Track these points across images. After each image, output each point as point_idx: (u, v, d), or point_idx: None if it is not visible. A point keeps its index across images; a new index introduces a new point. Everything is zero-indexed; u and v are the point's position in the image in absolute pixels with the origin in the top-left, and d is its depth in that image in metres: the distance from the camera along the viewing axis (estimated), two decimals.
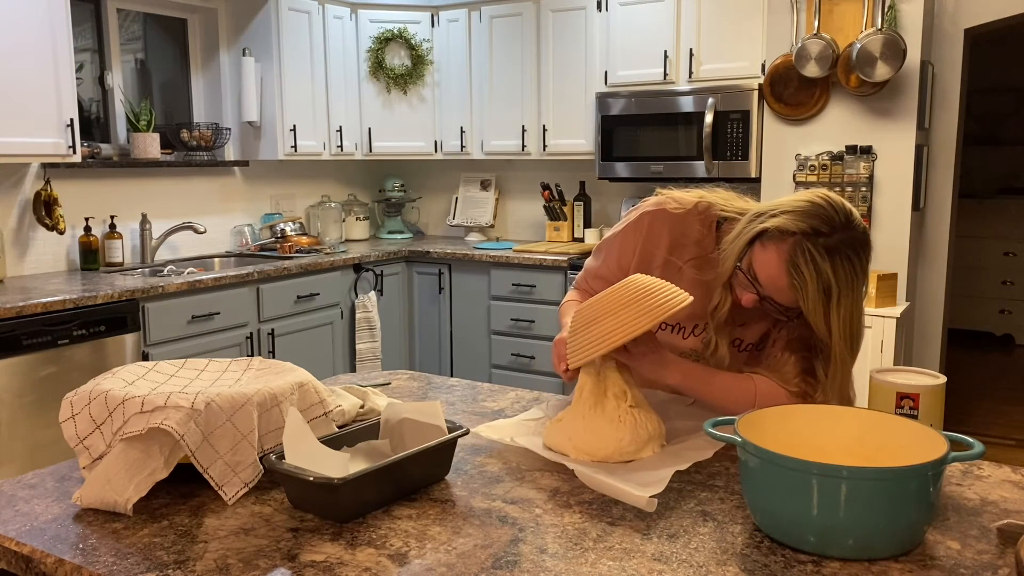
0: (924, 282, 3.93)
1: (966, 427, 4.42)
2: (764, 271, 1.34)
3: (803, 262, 1.28)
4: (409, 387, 1.87)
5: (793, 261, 1.29)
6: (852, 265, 1.29)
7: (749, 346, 1.54)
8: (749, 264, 1.37)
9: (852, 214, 1.32)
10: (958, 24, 3.72)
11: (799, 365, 1.45)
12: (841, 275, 1.28)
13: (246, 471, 1.24)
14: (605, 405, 1.38)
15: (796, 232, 1.30)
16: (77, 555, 1.07)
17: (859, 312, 1.34)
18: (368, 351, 4.37)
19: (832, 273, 1.28)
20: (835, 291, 1.28)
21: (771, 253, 1.32)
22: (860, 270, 1.31)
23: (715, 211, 1.51)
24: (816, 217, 1.30)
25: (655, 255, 1.55)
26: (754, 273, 1.36)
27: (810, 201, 1.33)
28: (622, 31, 4.17)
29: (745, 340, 1.53)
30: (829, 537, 1.03)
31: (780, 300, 1.35)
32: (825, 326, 1.32)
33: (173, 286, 3.36)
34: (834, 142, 3.60)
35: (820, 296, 1.29)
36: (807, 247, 1.28)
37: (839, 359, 1.36)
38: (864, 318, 1.37)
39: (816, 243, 1.28)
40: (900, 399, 1.36)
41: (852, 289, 1.30)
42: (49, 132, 3.24)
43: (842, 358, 1.36)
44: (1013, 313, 6.33)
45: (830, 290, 1.28)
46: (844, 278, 1.28)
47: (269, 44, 4.24)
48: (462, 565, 1.03)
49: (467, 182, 5.14)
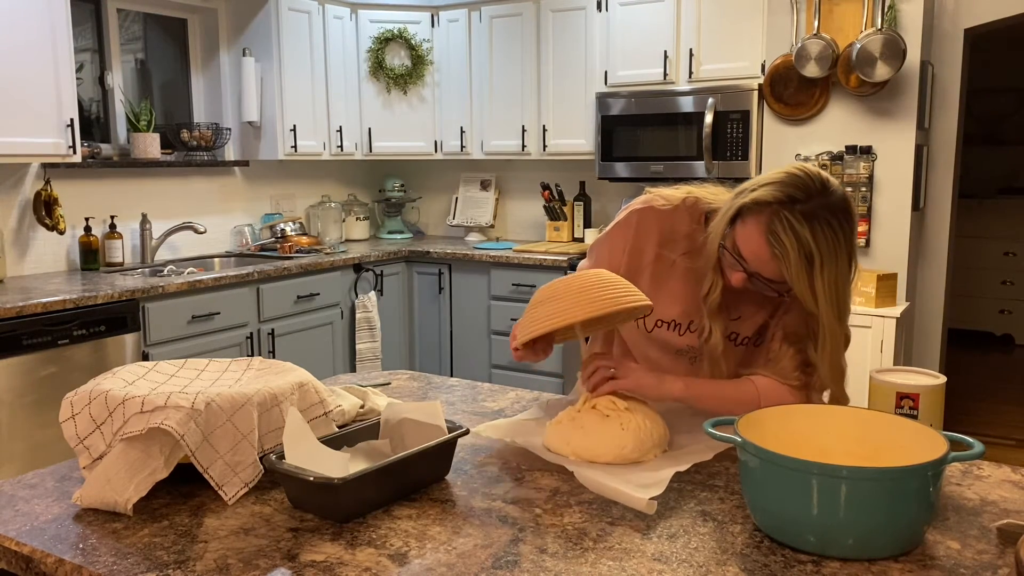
0: (924, 282, 3.93)
1: (966, 427, 4.42)
2: (746, 246, 1.35)
3: (781, 230, 1.29)
4: (409, 387, 1.87)
5: (772, 230, 1.30)
6: (832, 230, 1.29)
7: (745, 340, 1.54)
8: (733, 242, 1.38)
9: (829, 182, 1.33)
10: (958, 24, 3.72)
11: (797, 358, 1.46)
12: (822, 240, 1.29)
13: (246, 471, 1.24)
14: (606, 412, 1.38)
15: (773, 202, 1.31)
16: (77, 555, 1.07)
17: (844, 280, 1.34)
18: (368, 351, 4.37)
19: (812, 238, 1.28)
20: (817, 257, 1.29)
21: (751, 227, 1.34)
22: (842, 236, 1.31)
23: (703, 205, 1.52)
24: (791, 186, 1.32)
25: (645, 251, 1.56)
26: (738, 250, 1.37)
27: (786, 172, 1.35)
28: (622, 31, 4.17)
29: (741, 334, 1.54)
30: (829, 537, 1.03)
31: (766, 274, 1.36)
32: (811, 295, 1.32)
33: (173, 286, 3.36)
34: (834, 142, 3.60)
35: (802, 263, 1.29)
36: (784, 215, 1.30)
37: (827, 329, 1.36)
38: (851, 287, 1.37)
39: (793, 210, 1.29)
40: (900, 399, 1.36)
41: (835, 255, 1.30)
42: (49, 132, 3.24)
43: (831, 328, 1.36)
44: (1013, 313, 6.33)
45: (812, 256, 1.29)
46: (825, 243, 1.29)
47: (269, 44, 4.24)
48: (462, 565, 1.03)
49: (467, 182, 5.14)
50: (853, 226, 1.34)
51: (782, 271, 1.32)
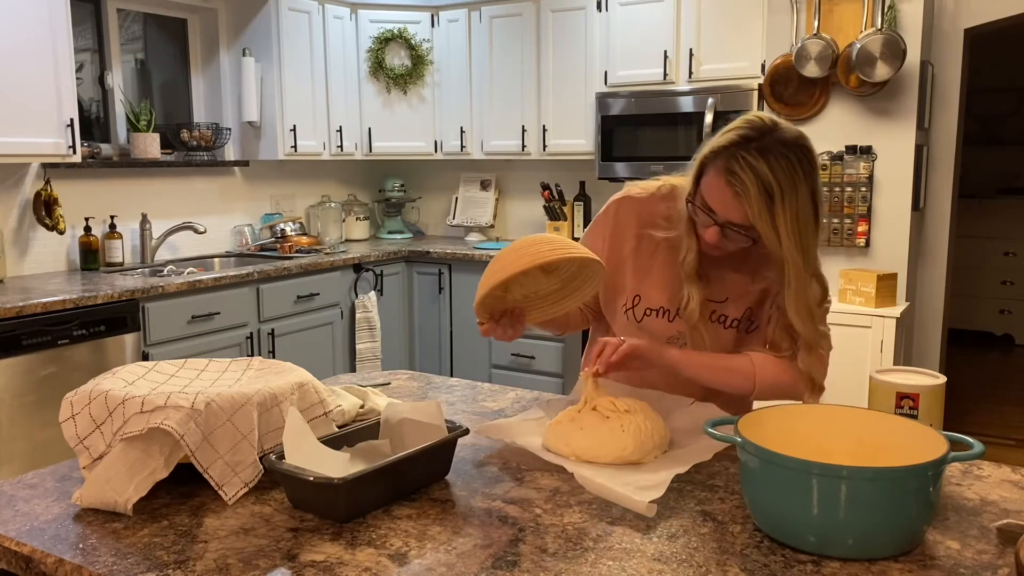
0: (924, 282, 3.93)
1: (966, 427, 4.41)
2: (711, 193, 1.39)
3: (739, 168, 1.33)
4: (409, 387, 1.87)
5: (730, 170, 1.34)
6: (788, 161, 1.32)
7: (735, 322, 1.56)
8: (701, 198, 1.42)
9: (780, 121, 1.38)
10: (958, 24, 3.72)
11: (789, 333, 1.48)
12: (779, 171, 1.32)
13: (246, 471, 1.24)
14: (606, 413, 1.38)
15: (728, 145, 1.36)
16: (77, 555, 1.07)
17: (807, 216, 1.36)
18: (368, 351, 4.37)
19: (769, 171, 1.32)
20: (776, 190, 1.32)
21: (712, 175, 1.38)
22: (799, 167, 1.34)
23: (679, 191, 1.55)
24: (744, 128, 1.36)
25: (626, 237, 1.61)
26: (705, 202, 1.41)
27: (738, 120, 1.40)
28: (622, 31, 4.17)
29: (729, 316, 1.55)
30: (829, 537, 1.03)
31: (734, 218, 1.38)
32: (774, 232, 1.34)
33: (173, 286, 3.36)
34: (834, 142, 3.60)
35: (763, 198, 1.32)
36: (740, 155, 1.34)
37: (792, 265, 1.38)
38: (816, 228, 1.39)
39: (748, 148, 1.34)
40: (900, 399, 1.36)
41: (794, 186, 1.33)
42: (49, 132, 3.24)
43: (795, 265, 1.38)
44: (1013, 313, 6.33)
45: (771, 189, 1.32)
46: (783, 174, 1.32)
47: (269, 44, 4.24)
48: (462, 565, 1.03)
49: (467, 182, 5.14)
50: (812, 161, 1.37)
51: (746, 212, 1.35)
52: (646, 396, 1.51)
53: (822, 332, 1.46)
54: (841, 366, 3.38)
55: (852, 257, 3.62)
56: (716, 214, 1.40)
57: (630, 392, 1.52)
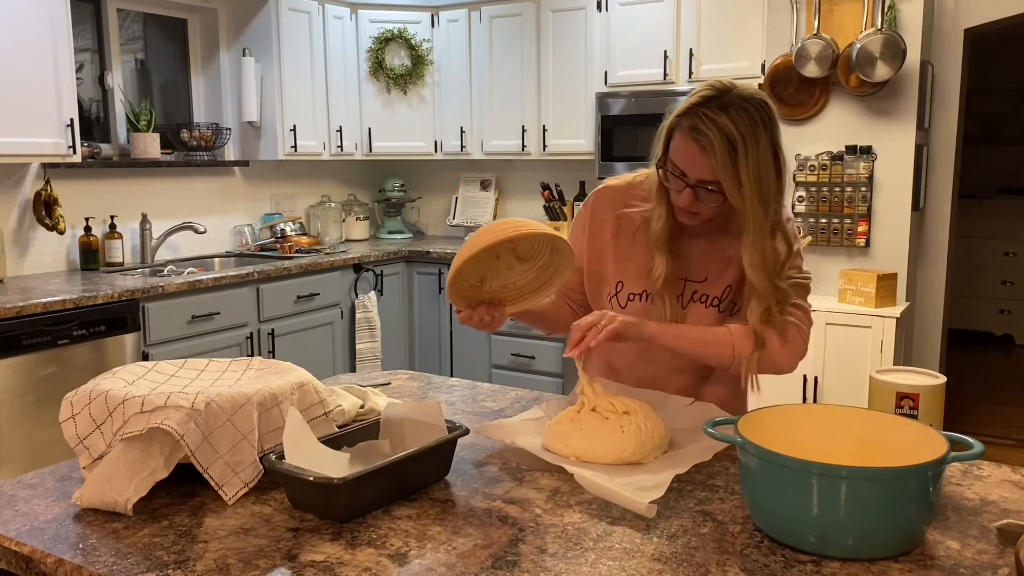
0: (924, 282, 3.93)
1: (966, 427, 4.41)
2: (679, 155, 1.44)
3: (703, 124, 1.39)
4: (409, 387, 1.87)
5: (695, 128, 1.40)
6: (748, 114, 1.38)
7: (716, 301, 1.58)
8: (671, 162, 1.46)
9: (737, 82, 1.45)
10: (958, 24, 3.72)
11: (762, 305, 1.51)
12: (741, 124, 1.37)
13: (246, 471, 1.24)
14: (606, 414, 1.38)
15: (691, 107, 1.42)
16: (77, 555, 1.07)
17: (767, 169, 1.40)
18: (368, 351, 4.37)
19: (731, 123, 1.37)
20: (739, 141, 1.37)
21: (678, 137, 1.44)
22: (759, 121, 1.39)
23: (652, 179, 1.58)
24: (704, 90, 1.43)
25: (605, 221, 1.65)
26: (675, 166, 1.45)
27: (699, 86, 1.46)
28: (622, 31, 4.17)
29: (710, 295, 1.58)
30: (829, 537, 1.03)
31: (704, 176, 1.42)
32: (736, 184, 1.38)
33: (173, 286, 3.35)
34: (834, 142, 3.60)
35: (727, 151, 1.37)
36: (702, 112, 1.40)
37: (751, 214, 1.41)
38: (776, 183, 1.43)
39: (709, 106, 1.40)
40: (900, 399, 1.36)
41: (756, 139, 1.38)
42: (49, 132, 3.24)
43: (755, 216, 1.41)
44: (1013, 313, 6.33)
45: (734, 141, 1.37)
46: (744, 127, 1.38)
47: (269, 44, 4.24)
48: (462, 565, 1.03)
49: (467, 182, 5.14)
50: (771, 115, 1.42)
51: (712, 165, 1.39)
52: (645, 396, 1.51)
53: (781, 289, 1.47)
54: (841, 366, 3.40)
55: (852, 257, 3.62)
56: (687, 175, 1.44)
57: (629, 392, 1.52)
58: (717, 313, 1.57)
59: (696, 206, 1.46)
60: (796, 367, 1.53)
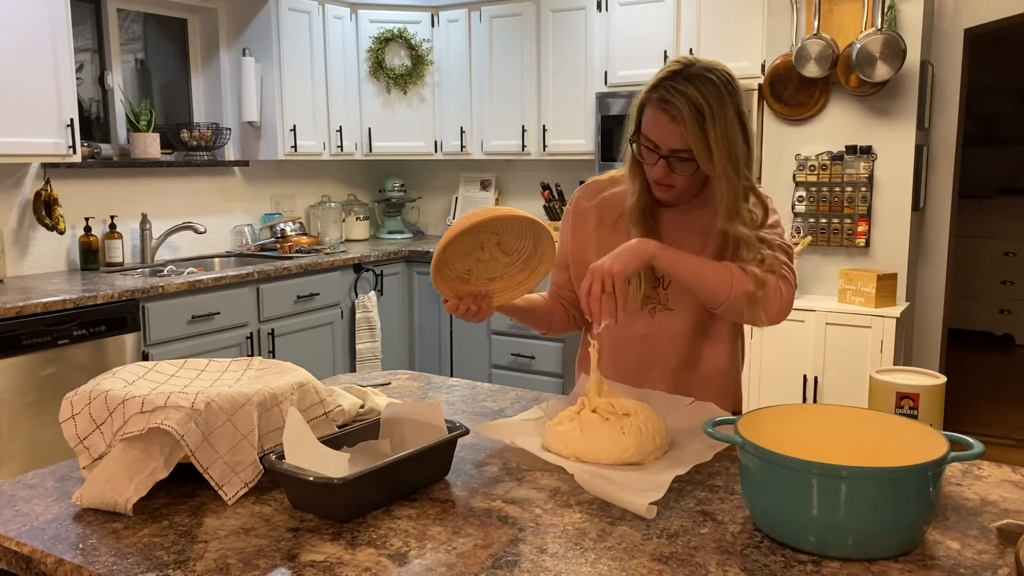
0: (924, 282, 3.93)
1: (966, 427, 4.41)
2: (650, 127, 1.50)
3: (671, 96, 1.45)
4: (409, 387, 1.87)
5: (664, 99, 1.46)
6: (714, 84, 1.45)
7: None
8: (644, 137, 1.52)
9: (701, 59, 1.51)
10: (958, 24, 3.72)
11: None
12: (707, 92, 1.44)
13: (246, 471, 1.24)
14: (606, 416, 1.37)
15: (658, 82, 1.50)
16: (77, 555, 1.07)
17: (735, 135, 1.47)
18: (368, 351, 4.37)
19: (698, 92, 1.44)
20: (707, 109, 1.43)
21: (649, 111, 1.51)
22: (725, 92, 1.46)
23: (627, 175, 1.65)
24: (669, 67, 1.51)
25: (586, 214, 1.71)
26: (648, 139, 1.51)
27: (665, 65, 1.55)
28: (622, 31, 4.17)
29: None
30: (829, 537, 1.03)
31: (675, 145, 1.47)
32: (707, 150, 1.44)
33: (173, 286, 3.35)
34: (834, 142, 3.60)
35: (696, 119, 1.43)
36: (669, 85, 1.47)
37: (725, 180, 1.48)
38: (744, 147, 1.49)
39: (676, 80, 1.47)
40: (900, 399, 1.36)
41: (722, 107, 1.45)
42: (49, 132, 3.24)
43: (728, 178, 1.48)
44: (1013, 313, 6.33)
45: (702, 109, 1.43)
46: (710, 94, 1.44)
47: (269, 44, 4.24)
48: (462, 565, 1.03)
49: (467, 182, 5.14)
50: (733, 83, 1.49)
51: (683, 133, 1.45)
52: (646, 396, 1.51)
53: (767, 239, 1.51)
54: (841, 366, 3.40)
55: (852, 257, 3.62)
56: (659, 147, 1.49)
57: (630, 392, 1.52)
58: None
59: (670, 178, 1.51)
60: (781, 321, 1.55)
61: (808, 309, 3.46)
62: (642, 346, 1.64)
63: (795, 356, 3.51)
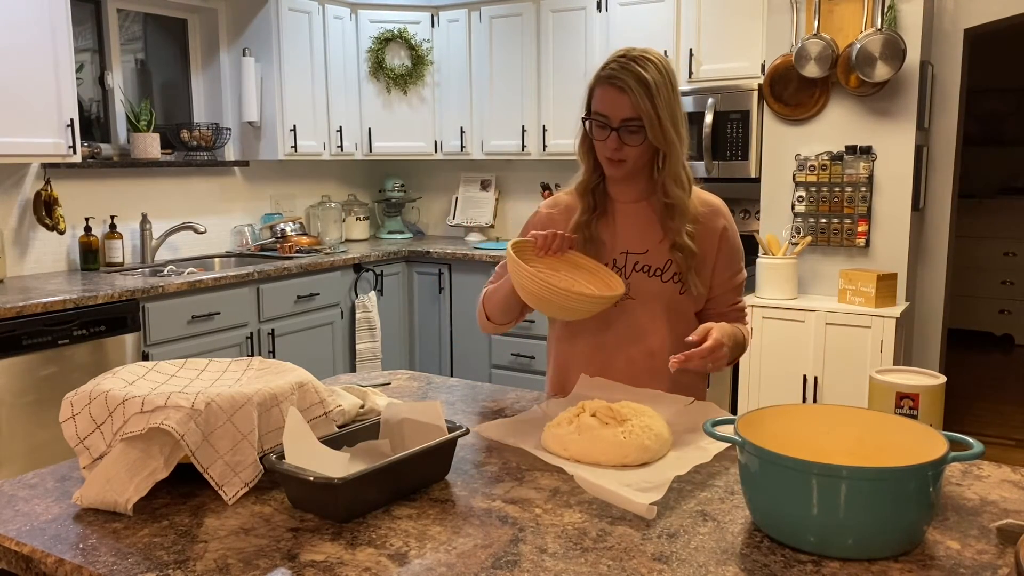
0: (924, 282, 3.93)
1: (966, 427, 4.42)
2: (601, 101, 1.64)
3: (618, 72, 1.61)
4: (409, 387, 1.88)
5: (612, 75, 1.62)
6: (653, 64, 1.61)
7: (658, 271, 1.70)
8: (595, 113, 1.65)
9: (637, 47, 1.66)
10: (958, 24, 3.72)
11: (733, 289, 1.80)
12: (650, 70, 1.60)
13: (246, 471, 1.24)
14: (605, 419, 1.37)
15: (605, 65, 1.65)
16: (77, 555, 1.07)
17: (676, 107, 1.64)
18: (368, 351, 4.37)
19: (642, 69, 1.60)
20: (652, 82, 1.59)
21: (599, 91, 1.65)
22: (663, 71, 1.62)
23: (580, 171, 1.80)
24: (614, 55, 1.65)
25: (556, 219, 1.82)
26: (598, 113, 1.65)
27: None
28: (622, 31, 4.17)
29: (652, 265, 1.71)
30: (829, 537, 1.03)
31: (625, 114, 1.61)
32: (656, 118, 1.59)
33: (173, 286, 3.36)
34: (834, 142, 3.60)
35: (643, 89, 1.59)
36: (616, 64, 1.62)
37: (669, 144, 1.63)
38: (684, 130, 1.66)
39: (621, 61, 1.63)
40: (900, 399, 1.36)
41: (665, 83, 1.61)
42: (49, 132, 3.24)
43: (672, 144, 1.63)
44: (1013, 313, 6.33)
45: (647, 82, 1.59)
46: (652, 72, 1.60)
47: (269, 44, 4.24)
48: (462, 565, 1.03)
49: (467, 182, 5.14)
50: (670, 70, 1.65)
51: (632, 102, 1.59)
52: (645, 396, 1.51)
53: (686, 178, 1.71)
54: (841, 366, 3.40)
55: (852, 257, 3.62)
56: (609, 118, 1.62)
57: (631, 393, 1.52)
58: (660, 283, 1.71)
59: (622, 151, 1.63)
60: None
61: (808, 309, 3.46)
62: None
63: (795, 356, 3.50)
